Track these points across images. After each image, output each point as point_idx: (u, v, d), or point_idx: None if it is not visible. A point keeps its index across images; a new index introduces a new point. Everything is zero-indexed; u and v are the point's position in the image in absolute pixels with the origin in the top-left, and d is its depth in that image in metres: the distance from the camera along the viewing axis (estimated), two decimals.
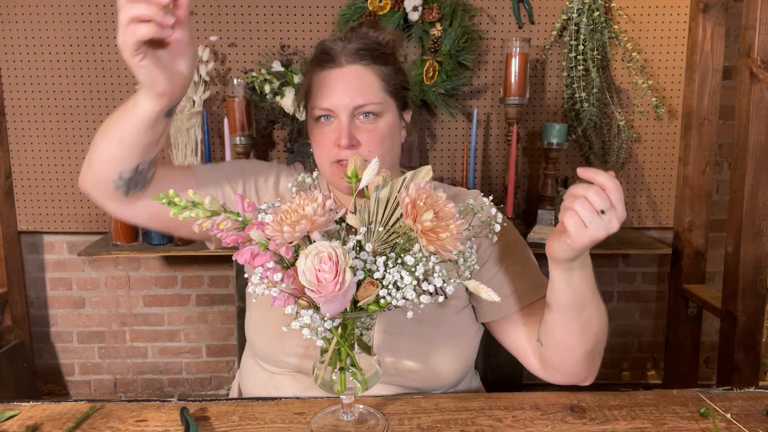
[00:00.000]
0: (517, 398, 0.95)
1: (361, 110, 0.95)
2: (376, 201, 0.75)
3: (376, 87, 0.96)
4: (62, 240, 2.23)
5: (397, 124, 1.01)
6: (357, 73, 0.96)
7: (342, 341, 0.78)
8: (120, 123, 0.87)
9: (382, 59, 0.98)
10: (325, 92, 0.96)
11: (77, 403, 0.94)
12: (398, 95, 1.00)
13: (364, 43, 0.97)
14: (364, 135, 0.96)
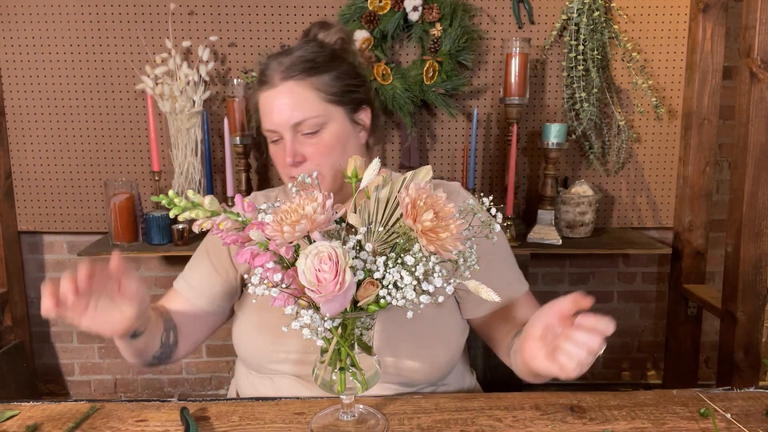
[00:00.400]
0: (517, 398, 0.95)
1: (300, 126, 0.96)
2: (376, 201, 0.75)
3: (313, 100, 0.96)
4: (62, 240, 2.23)
5: (347, 130, 1.00)
6: (290, 90, 0.96)
7: (342, 341, 0.78)
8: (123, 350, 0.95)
9: (318, 69, 0.97)
10: (266, 114, 0.98)
11: (77, 403, 0.94)
12: (343, 100, 0.99)
13: (298, 56, 0.97)
14: (309, 149, 0.97)
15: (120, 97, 2.07)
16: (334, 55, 1.01)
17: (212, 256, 1.08)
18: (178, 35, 2.02)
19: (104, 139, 2.09)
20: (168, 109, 1.93)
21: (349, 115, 1.00)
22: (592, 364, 0.77)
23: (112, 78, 2.06)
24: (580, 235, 2.03)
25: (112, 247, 1.89)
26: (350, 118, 1.01)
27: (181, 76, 1.90)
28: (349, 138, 1.01)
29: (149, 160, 2.09)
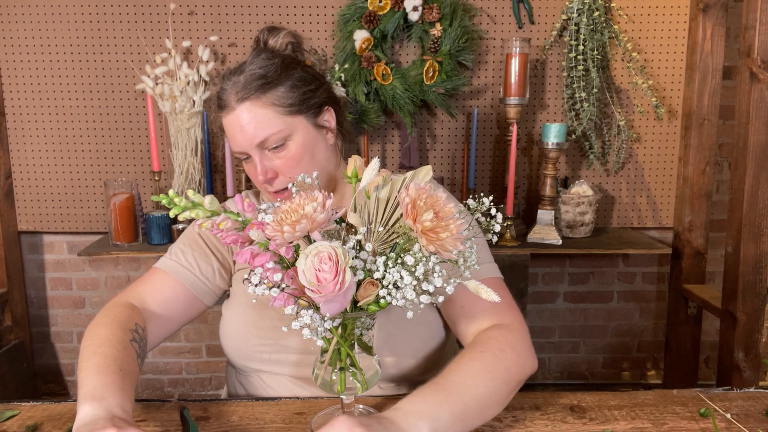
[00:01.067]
0: (517, 398, 0.95)
1: (265, 145, 0.97)
2: (376, 201, 0.75)
3: (272, 116, 0.96)
4: (62, 240, 2.23)
5: (312, 137, 0.99)
6: (247, 110, 0.96)
7: (342, 341, 0.78)
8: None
9: (270, 84, 0.96)
10: (231, 137, 0.99)
11: (77, 403, 0.94)
12: (303, 108, 0.98)
13: (250, 73, 0.96)
14: (278, 163, 0.97)
15: (120, 97, 2.07)
16: (284, 64, 0.99)
17: (205, 238, 1.06)
18: (178, 35, 2.02)
19: (104, 139, 2.09)
20: (168, 109, 1.93)
21: (311, 121, 1.00)
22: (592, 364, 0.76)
23: (112, 78, 2.06)
24: (580, 235, 2.03)
25: (112, 247, 1.89)
26: (313, 124, 1.00)
27: (181, 76, 1.90)
28: (316, 144, 1.00)
29: (149, 160, 2.09)
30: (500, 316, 0.92)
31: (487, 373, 0.81)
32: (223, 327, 1.06)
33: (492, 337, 0.87)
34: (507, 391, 0.84)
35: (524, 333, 0.91)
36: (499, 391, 0.82)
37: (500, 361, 0.84)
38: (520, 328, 0.91)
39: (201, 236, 1.07)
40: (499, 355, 0.84)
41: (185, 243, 1.06)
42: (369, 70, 1.95)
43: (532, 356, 0.90)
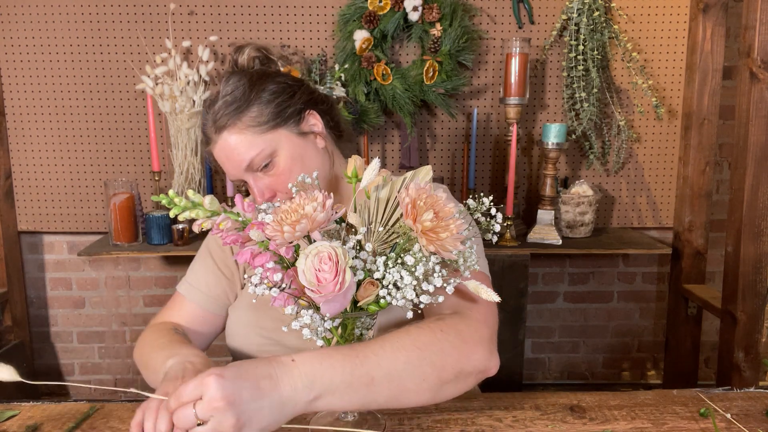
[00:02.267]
0: (517, 398, 0.95)
1: (252, 167, 0.97)
2: (376, 201, 0.75)
3: (251, 139, 0.96)
4: (62, 240, 2.23)
5: (299, 146, 0.98)
6: (226, 141, 0.97)
7: (342, 341, 0.78)
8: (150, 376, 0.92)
9: (242, 107, 0.95)
10: (221, 168, 1.01)
11: (77, 403, 0.94)
12: (280, 121, 0.97)
13: (222, 101, 0.96)
14: (272, 181, 0.98)
15: (120, 97, 2.07)
16: (251, 82, 0.98)
17: (215, 255, 1.09)
18: (178, 35, 2.02)
19: (104, 139, 2.09)
20: (168, 109, 1.93)
21: (294, 130, 0.98)
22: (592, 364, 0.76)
23: (112, 78, 2.06)
24: (580, 235, 2.03)
25: (112, 247, 1.89)
26: (297, 133, 0.98)
27: (181, 76, 1.90)
28: (305, 152, 0.99)
29: (149, 160, 2.09)
30: (464, 305, 0.83)
31: (415, 351, 0.73)
32: (227, 327, 1.07)
33: (441, 318, 0.79)
34: (436, 377, 0.73)
35: (482, 326, 0.80)
36: (423, 374, 0.73)
37: (436, 341, 0.75)
38: (479, 319, 0.81)
39: (211, 253, 1.09)
40: (438, 335, 0.75)
41: (198, 262, 1.10)
42: (369, 70, 1.95)
43: (486, 350, 0.79)
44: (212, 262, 1.08)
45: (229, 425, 0.62)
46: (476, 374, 0.79)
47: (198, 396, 0.63)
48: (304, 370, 0.68)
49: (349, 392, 0.69)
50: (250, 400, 0.63)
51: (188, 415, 0.63)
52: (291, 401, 0.66)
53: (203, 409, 0.62)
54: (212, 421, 0.62)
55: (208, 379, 0.63)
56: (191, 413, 0.63)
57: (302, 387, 0.67)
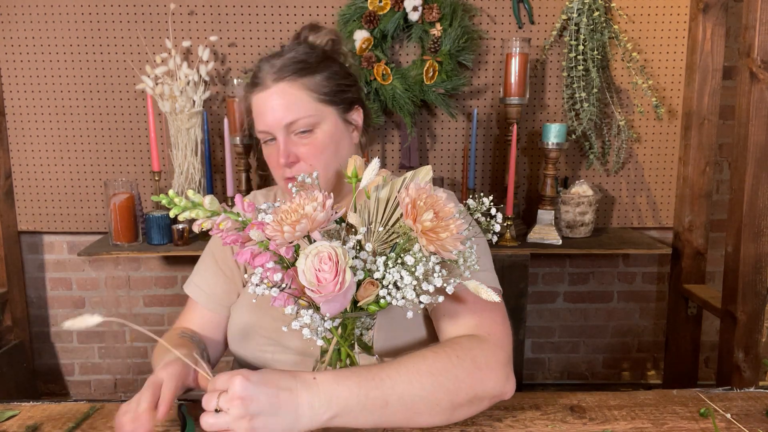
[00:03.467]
0: (517, 398, 0.95)
1: (293, 126, 0.96)
2: (376, 201, 0.75)
3: (305, 100, 0.96)
4: (62, 240, 2.23)
5: (340, 130, 1.00)
6: (282, 91, 0.96)
7: (342, 341, 0.78)
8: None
9: (309, 70, 0.97)
10: (259, 116, 0.98)
11: (77, 403, 0.94)
12: (335, 100, 0.99)
13: (287, 58, 0.97)
14: (302, 150, 0.97)
15: (120, 97, 2.07)
16: (325, 55, 1.01)
17: (218, 257, 1.09)
18: (178, 35, 2.02)
19: (104, 139, 2.09)
20: (168, 109, 1.93)
21: (341, 115, 1.00)
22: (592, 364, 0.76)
23: (112, 78, 2.06)
24: (580, 235, 2.03)
25: (112, 247, 1.89)
26: (342, 118, 1.01)
27: (181, 76, 1.90)
28: (342, 138, 1.01)
29: (149, 160, 2.09)
30: (482, 327, 0.85)
31: (429, 377, 0.75)
32: (228, 327, 1.07)
33: (457, 343, 0.81)
34: (449, 402, 0.76)
35: (498, 351, 0.82)
36: (437, 399, 0.75)
37: (451, 368, 0.77)
38: (496, 344, 0.83)
39: (214, 253, 1.10)
40: (453, 361, 0.77)
41: (203, 261, 1.11)
42: (369, 70, 1.95)
43: (501, 376, 0.81)
44: (214, 262, 1.09)
45: (242, 422, 0.68)
46: (490, 399, 0.82)
47: (225, 388, 0.69)
48: (323, 388, 0.72)
49: (363, 414, 0.72)
50: (267, 406, 0.69)
51: (212, 400, 0.70)
52: (306, 417, 0.70)
53: (224, 401, 0.69)
54: (229, 413, 0.68)
55: (236, 377, 0.68)
56: (215, 401, 0.69)
57: (319, 405, 0.71)
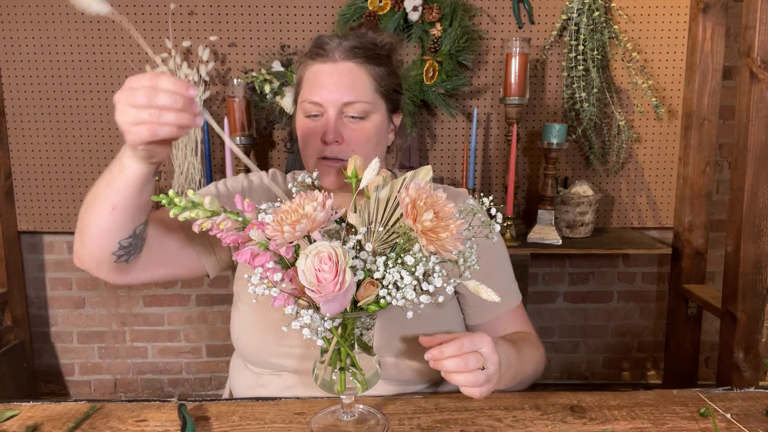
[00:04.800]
0: (517, 398, 0.95)
1: (349, 107, 0.96)
2: (376, 201, 0.75)
3: (367, 86, 0.97)
4: (62, 240, 2.23)
5: (385, 126, 1.01)
6: (349, 69, 0.96)
7: (342, 341, 0.78)
8: (109, 191, 0.82)
9: (376, 60, 0.98)
10: (316, 86, 0.96)
11: (77, 403, 0.94)
12: (389, 97, 1.00)
13: (360, 42, 0.98)
14: (349, 133, 0.96)
15: None
16: (390, 53, 1.03)
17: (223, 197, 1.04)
18: (178, 35, 2.02)
19: (104, 139, 2.09)
20: None
21: (388, 113, 1.02)
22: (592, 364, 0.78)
23: (112, 78, 2.06)
24: (580, 235, 2.03)
25: None
26: (388, 116, 1.03)
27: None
28: (383, 134, 1.02)
29: None
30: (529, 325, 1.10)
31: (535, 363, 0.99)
32: (238, 320, 1.06)
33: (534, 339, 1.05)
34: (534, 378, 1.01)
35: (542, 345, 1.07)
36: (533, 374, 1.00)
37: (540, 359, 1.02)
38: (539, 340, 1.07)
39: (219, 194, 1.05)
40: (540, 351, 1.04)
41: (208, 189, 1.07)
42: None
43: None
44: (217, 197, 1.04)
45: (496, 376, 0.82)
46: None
47: (479, 347, 0.80)
48: (502, 350, 0.86)
49: (509, 374, 0.89)
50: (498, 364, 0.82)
51: (471, 360, 0.79)
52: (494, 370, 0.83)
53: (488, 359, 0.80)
54: (491, 368, 0.80)
55: (485, 339, 0.81)
56: (480, 359, 0.80)
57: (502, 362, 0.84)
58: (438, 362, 0.79)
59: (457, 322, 1.06)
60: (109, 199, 0.82)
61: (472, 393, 0.80)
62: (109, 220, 0.84)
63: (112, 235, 0.86)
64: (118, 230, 0.85)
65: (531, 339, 1.03)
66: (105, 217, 0.83)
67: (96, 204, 0.84)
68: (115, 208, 0.83)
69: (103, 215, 0.83)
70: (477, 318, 1.06)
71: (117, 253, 0.88)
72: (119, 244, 0.87)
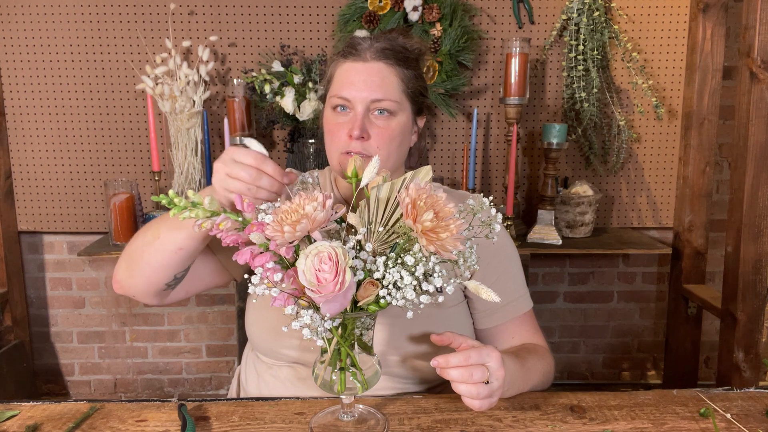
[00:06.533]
0: (517, 398, 0.95)
1: (377, 105, 0.98)
2: (376, 201, 0.75)
3: (396, 86, 0.99)
4: (62, 240, 2.22)
5: (409, 127, 1.04)
6: (379, 69, 0.98)
7: (342, 341, 0.78)
8: (177, 234, 0.88)
9: (405, 62, 1.01)
10: (346, 83, 0.99)
11: (77, 403, 0.94)
12: (415, 99, 1.03)
13: (391, 44, 1.00)
14: (375, 130, 0.98)
15: (120, 97, 2.07)
16: (419, 58, 1.05)
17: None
18: (178, 35, 2.02)
19: (104, 139, 2.09)
20: (168, 109, 1.93)
21: (413, 115, 1.05)
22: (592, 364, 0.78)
23: (112, 78, 2.06)
24: (580, 235, 2.03)
25: (112, 247, 1.89)
26: (413, 118, 1.05)
27: (181, 76, 1.90)
28: (407, 135, 1.04)
29: (149, 160, 2.09)
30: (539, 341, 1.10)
31: (541, 375, 1.00)
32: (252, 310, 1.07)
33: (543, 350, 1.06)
34: (542, 384, 1.03)
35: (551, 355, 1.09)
36: (539, 386, 1.01)
37: (548, 371, 1.03)
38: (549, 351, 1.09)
39: None
40: (549, 362, 1.04)
41: None
42: None
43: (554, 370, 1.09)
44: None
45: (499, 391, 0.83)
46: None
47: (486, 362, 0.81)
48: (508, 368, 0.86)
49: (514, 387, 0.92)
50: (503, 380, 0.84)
51: (477, 372, 0.81)
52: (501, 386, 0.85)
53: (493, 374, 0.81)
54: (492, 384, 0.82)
55: (493, 354, 0.82)
56: (482, 373, 0.81)
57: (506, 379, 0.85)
58: (444, 370, 0.81)
59: (465, 326, 1.06)
60: (176, 242, 0.89)
61: (472, 405, 0.82)
62: (173, 259, 0.91)
63: (171, 271, 0.93)
64: (178, 267, 0.93)
65: (539, 351, 1.04)
66: (169, 256, 0.91)
67: (160, 243, 0.90)
68: (181, 249, 0.90)
69: (166, 254, 0.90)
70: (485, 322, 1.06)
71: (170, 283, 0.96)
72: (174, 277, 0.95)
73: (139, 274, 0.94)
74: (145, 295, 0.97)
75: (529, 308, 1.09)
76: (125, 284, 0.96)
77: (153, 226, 0.92)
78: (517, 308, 1.07)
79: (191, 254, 0.91)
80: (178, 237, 0.88)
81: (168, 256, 0.90)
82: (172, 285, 0.97)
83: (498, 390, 0.82)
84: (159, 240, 0.90)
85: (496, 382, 0.82)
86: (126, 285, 0.96)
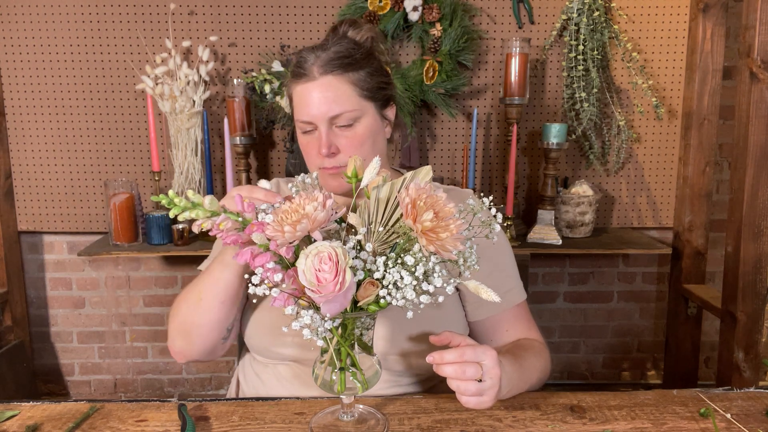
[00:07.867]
0: (517, 398, 0.95)
1: (336, 120, 0.98)
2: (376, 201, 0.75)
3: (350, 95, 0.98)
4: (62, 240, 2.23)
5: (377, 125, 1.03)
6: (329, 84, 0.98)
7: (342, 341, 0.78)
8: (215, 289, 0.94)
9: (355, 65, 0.99)
10: (303, 106, 1.00)
11: (77, 403, 0.94)
12: (375, 96, 1.02)
13: (336, 51, 0.99)
14: (342, 141, 0.99)
15: (120, 97, 2.07)
16: (368, 52, 1.04)
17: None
18: (178, 35, 2.02)
19: (104, 139, 2.09)
20: (168, 109, 1.93)
21: (379, 110, 1.04)
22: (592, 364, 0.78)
23: (112, 78, 2.06)
24: (580, 235, 2.03)
25: (112, 247, 1.89)
26: (380, 114, 1.04)
27: (181, 76, 1.90)
28: (378, 132, 1.04)
29: (149, 160, 2.09)
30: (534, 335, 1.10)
31: (539, 372, 1.00)
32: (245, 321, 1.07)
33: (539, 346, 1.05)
34: (538, 386, 1.03)
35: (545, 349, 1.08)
36: (537, 384, 1.01)
37: (545, 366, 1.03)
38: (545, 345, 1.09)
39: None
40: (546, 358, 1.04)
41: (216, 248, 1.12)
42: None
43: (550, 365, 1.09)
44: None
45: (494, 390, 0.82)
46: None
47: (481, 360, 0.82)
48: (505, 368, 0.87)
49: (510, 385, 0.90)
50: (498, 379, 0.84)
51: (470, 369, 0.81)
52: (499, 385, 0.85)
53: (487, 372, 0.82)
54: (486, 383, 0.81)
55: (488, 353, 0.82)
56: (475, 370, 0.81)
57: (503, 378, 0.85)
58: (439, 367, 0.82)
59: (458, 320, 1.05)
60: (217, 297, 0.94)
61: (466, 402, 0.82)
62: (219, 314, 0.96)
63: (221, 326, 0.98)
64: (226, 319, 0.97)
65: (535, 347, 1.04)
66: (215, 312, 0.95)
67: (203, 304, 0.95)
68: (223, 302, 0.95)
69: (213, 311, 0.95)
70: (476, 315, 1.06)
71: (224, 337, 1.00)
72: (226, 330, 0.99)
73: (198, 336, 0.98)
74: (207, 355, 1.01)
75: (522, 299, 1.09)
76: (188, 352, 1.00)
77: (193, 290, 0.97)
78: (509, 300, 1.07)
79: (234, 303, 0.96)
80: (217, 292, 0.93)
81: (215, 312, 0.95)
82: (226, 338, 1.01)
83: (491, 389, 0.82)
84: (201, 302, 0.95)
85: (490, 381, 0.82)
86: (188, 353, 1.00)
